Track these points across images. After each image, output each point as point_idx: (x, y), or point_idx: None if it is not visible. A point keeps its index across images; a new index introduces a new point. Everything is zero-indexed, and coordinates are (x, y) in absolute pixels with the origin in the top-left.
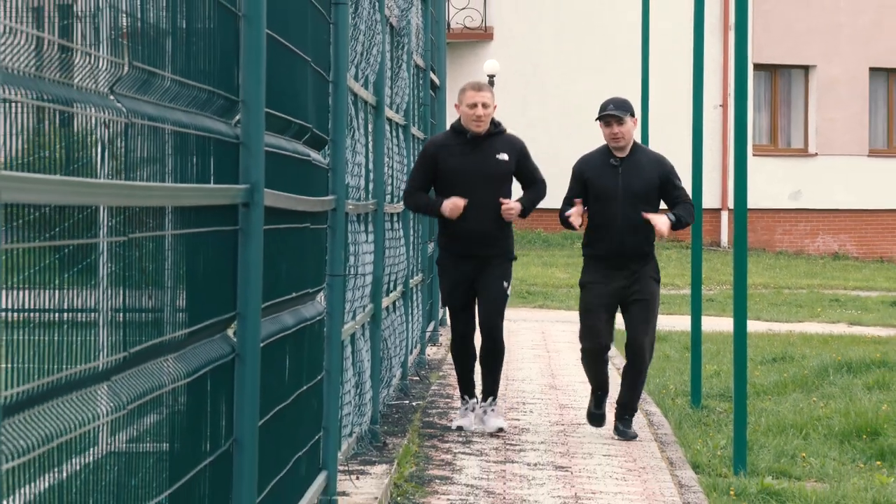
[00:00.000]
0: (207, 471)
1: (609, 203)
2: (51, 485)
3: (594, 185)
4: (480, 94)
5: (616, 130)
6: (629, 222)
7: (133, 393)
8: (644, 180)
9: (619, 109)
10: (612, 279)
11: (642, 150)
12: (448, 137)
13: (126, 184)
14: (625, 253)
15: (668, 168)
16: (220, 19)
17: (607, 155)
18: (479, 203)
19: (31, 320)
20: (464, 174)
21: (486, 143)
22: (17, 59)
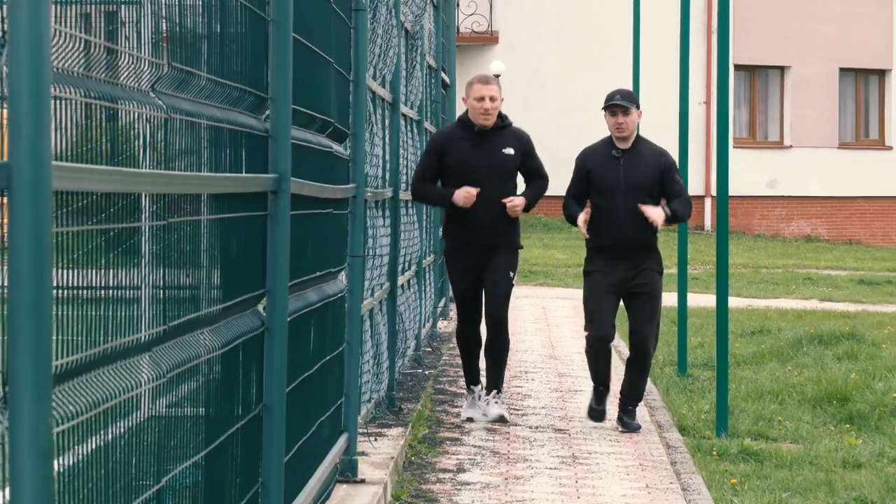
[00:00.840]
0: (239, 433)
1: (611, 195)
2: (98, 446)
3: (596, 178)
4: (488, 87)
5: (621, 121)
6: (631, 214)
7: (172, 363)
8: (645, 173)
9: (625, 100)
10: (615, 269)
11: (645, 143)
12: (456, 130)
13: (166, 173)
14: (627, 244)
15: (670, 162)
16: (251, 24)
17: (610, 147)
18: (486, 195)
19: (80, 297)
20: (470, 166)
21: (494, 137)
22: (67, 61)
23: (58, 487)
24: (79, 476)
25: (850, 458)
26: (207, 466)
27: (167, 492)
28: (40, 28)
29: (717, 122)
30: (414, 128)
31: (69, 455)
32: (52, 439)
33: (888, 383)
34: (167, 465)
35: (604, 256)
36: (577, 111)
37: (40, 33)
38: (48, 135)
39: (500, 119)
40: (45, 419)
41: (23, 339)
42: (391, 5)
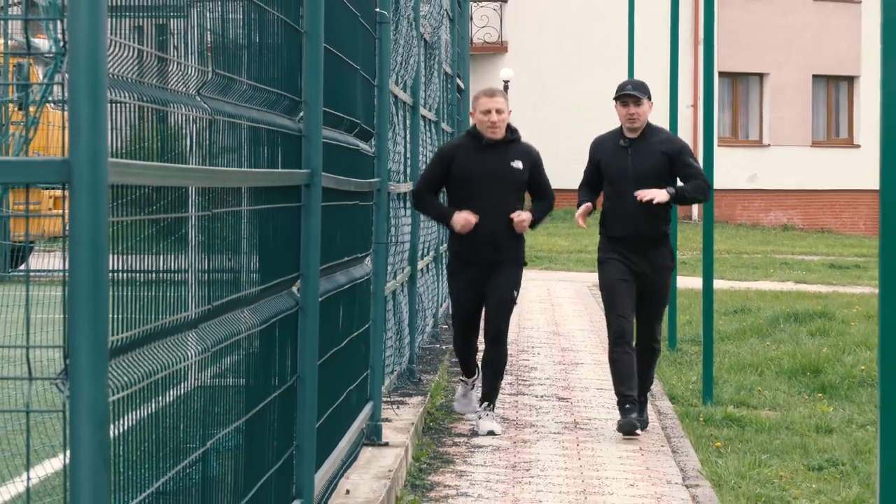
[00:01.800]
0: (276, 401)
1: (620, 185)
2: (149, 413)
3: (606, 168)
4: (493, 100)
5: (633, 111)
6: (641, 204)
7: (216, 338)
8: (653, 160)
9: (637, 90)
10: (629, 259)
11: (654, 131)
12: (465, 141)
13: (210, 169)
14: (639, 234)
15: (679, 145)
16: (287, 35)
17: (619, 136)
18: (491, 208)
19: (134, 279)
20: (477, 178)
21: (502, 150)
22: (122, 68)
23: (113, 451)
24: (132, 440)
25: (822, 423)
26: (248, 431)
27: (212, 454)
28: (97, 39)
29: (704, 124)
30: (432, 128)
31: (124, 421)
32: (107, 408)
33: (856, 357)
34: (211, 429)
35: (617, 244)
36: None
37: (97, 43)
38: (105, 134)
39: (510, 132)
40: (102, 390)
41: (82, 317)
42: (412, 19)
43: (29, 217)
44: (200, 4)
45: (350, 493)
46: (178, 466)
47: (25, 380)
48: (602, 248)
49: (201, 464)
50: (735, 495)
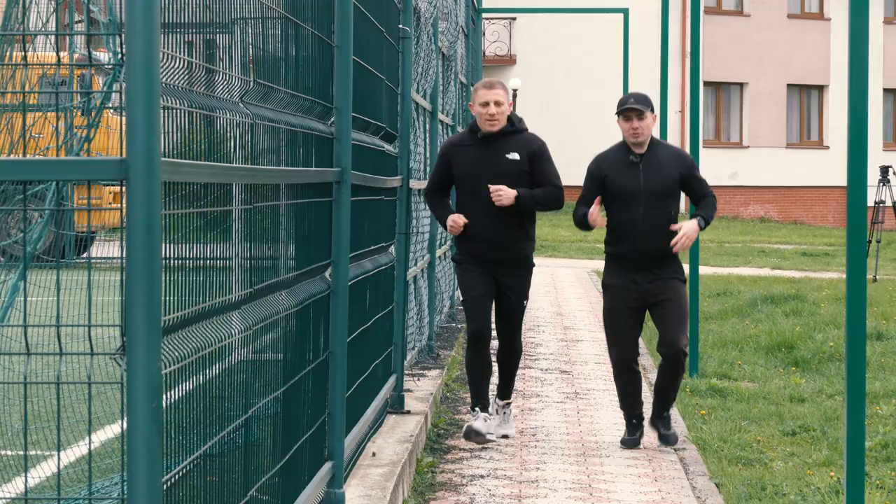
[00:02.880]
0: (310, 374)
1: (630, 202)
2: (197, 384)
3: (614, 185)
4: (492, 91)
5: (636, 125)
6: (650, 221)
7: (257, 317)
8: (665, 177)
9: (639, 103)
10: (634, 281)
11: (661, 146)
12: (463, 137)
13: (252, 168)
14: (647, 253)
15: (689, 162)
16: (320, 49)
17: (626, 152)
18: (491, 204)
19: (184, 266)
20: (473, 174)
21: (498, 143)
22: (174, 78)
23: (165, 418)
24: (182, 409)
25: (795, 393)
26: (285, 400)
27: (253, 421)
28: (152, 52)
29: (690, 127)
30: (449, 131)
31: (175, 391)
32: (160, 379)
33: (826, 334)
34: (253, 399)
35: (622, 266)
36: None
37: (152, 56)
38: (158, 137)
39: (511, 124)
40: (155, 364)
41: (137, 300)
42: (431, 34)
43: (91, 210)
44: (244, 22)
45: (376, 455)
46: (222, 432)
47: (87, 355)
48: (606, 270)
49: (244, 430)
50: (718, 457)
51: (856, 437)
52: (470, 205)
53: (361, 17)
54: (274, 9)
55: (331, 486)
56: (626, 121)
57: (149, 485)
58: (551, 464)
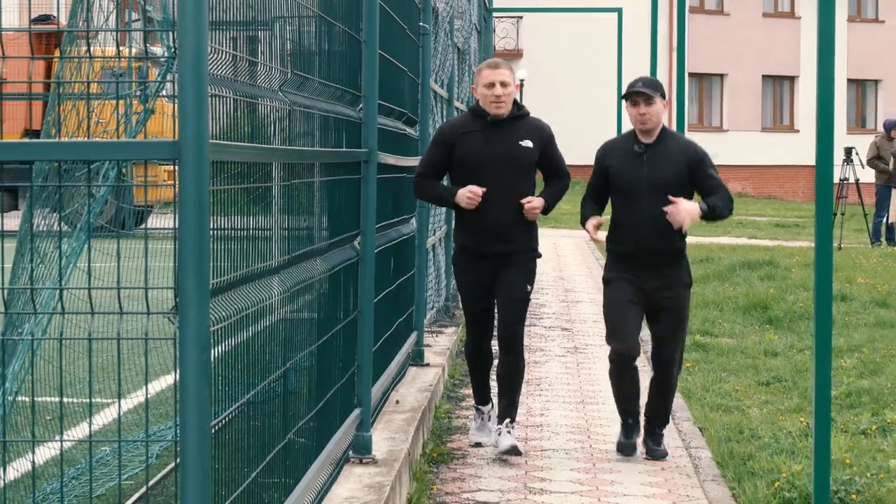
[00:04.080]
0: (341, 331)
1: (633, 195)
2: (241, 340)
3: (617, 176)
4: (497, 71)
5: (644, 111)
6: (656, 216)
7: (294, 281)
8: (672, 169)
9: (648, 87)
10: (639, 277)
11: (672, 136)
12: (466, 121)
13: (290, 149)
14: (652, 251)
15: (700, 155)
16: (349, 43)
17: (632, 141)
18: (500, 193)
19: (230, 235)
20: (483, 160)
21: (509, 127)
22: (221, 69)
23: (213, 370)
24: (228, 362)
25: (769, 348)
26: (319, 354)
27: (291, 372)
28: (201, 46)
29: (676, 113)
30: None
31: (222, 346)
32: (209, 336)
33: (796, 296)
34: (291, 353)
35: (627, 262)
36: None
37: (201, 50)
38: (206, 121)
39: (517, 108)
40: (204, 322)
41: (188, 265)
42: (448, 31)
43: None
44: (282, 19)
45: (399, 402)
46: (264, 382)
47: (144, 314)
48: (608, 266)
49: (283, 380)
50: (701, 405)
51: (823, 387)
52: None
53: (386, 15)
54: (309, 8)
55: (359, 430)
56: (633, 106)
57: (199, 429)
58: (554, 410)
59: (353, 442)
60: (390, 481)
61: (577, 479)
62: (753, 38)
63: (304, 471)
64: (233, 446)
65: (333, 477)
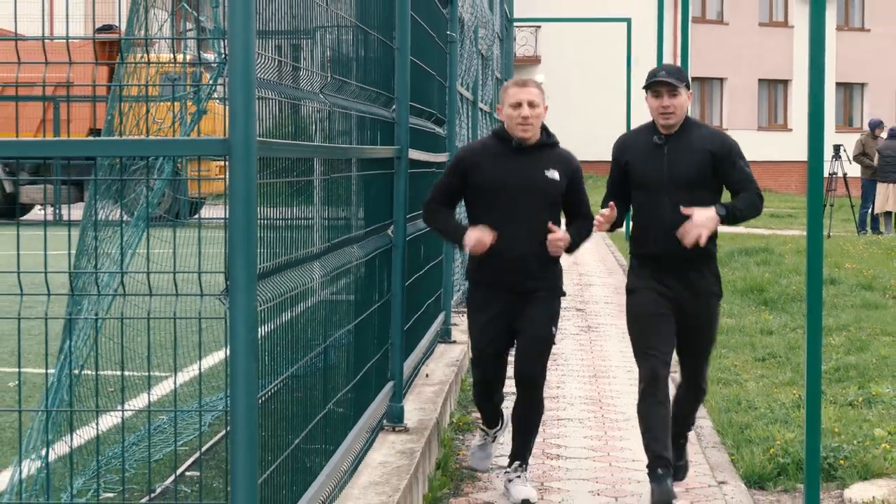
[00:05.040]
0: (376, 311)
1: (654, 192)
2: (286, 319)
3: (635, 171)
4: (525, 90)
5: (667, 103)
6: (678, 215)
7: (333, 266)
8: (694, 162)
9: (672, 76)
10: (666, 285)
11: (695, 126)
12: (488, 145)
13: (330, 146)
14: (676, 253)
15: (727, 145)
16: (384, 50)
17: (652, 132)
18: (521, 226)
19: (275, 224)
20: (505, 189)
21: (536, 155)
22: (267, 73)
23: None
24: (274, 339)
25: (765, 327)
26: (356, 332)
27: (331, 348)
28: (249, 53)
29: None
30: (487, 118)
31: (268, 325)
32: (256, 316)
33: (789, 280)
34: (331, 331)
35: (652, 267)
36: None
37: (249, 56)
38: (254, 121)
39: (546, 135)
40: (252, 303)
41: (237, 251)
42: (473, 39)
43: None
44: (323, 29)
45: (429, 376)
46: (306, 357)
47: (198, 296)
48: (631, 273)
49: (323, 355)
50: None
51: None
52: (496, 225)
53: (417, 24)
54: (347, 18)
55: (392, 401)
56: (654, 97)
57: (247, 400)
58: (569, 383)
59: (386, 412)
60: (420, 447)
61: (590, 445)
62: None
63: (342, 438)
64: (278, 415)
65: (369, 443)
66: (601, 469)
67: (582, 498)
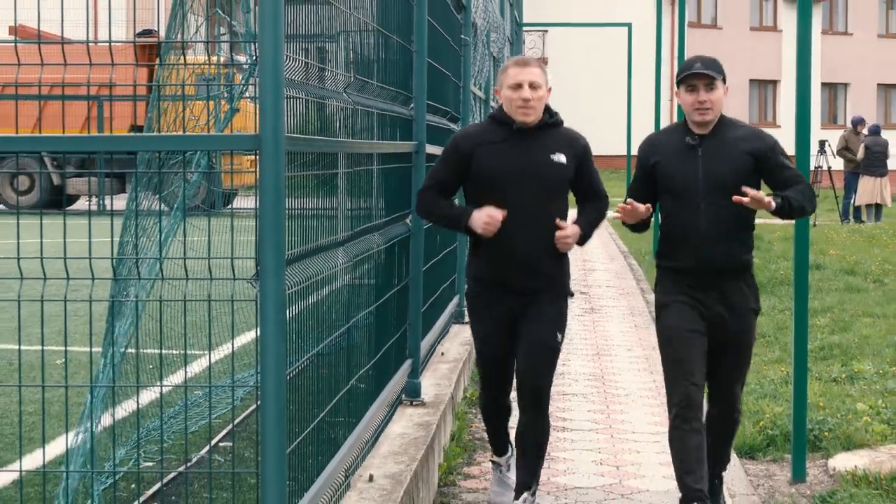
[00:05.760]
0: (395, 294)
1: (687, 197)
2: (312, 302)
3: (666, 174)
4: (526, 70)
5: (704, 98)
6: (717, 224)
7: (356, 252)
8: (733, 164)
9: (709, 68)
10: (700, 301)
11: (731, 125)
12: (486, 129)
13: (353, 141)
14: (714, 264)
15: (769, 143)
16: (402, 53)
17: (684, 132)
18: (526, 216)
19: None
20: (505, 177)
21: (539, 137)
22: (294, 74)
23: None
24: (301, 320)
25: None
26: (377, 314)
27: (353, 328)
28: (278, 55)
29: (678, 113)
30: None
31: (295, 307)
32: (284, 298)
33: (778, 265)
34: (353, 312)
35: (683, 281)
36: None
37: (278, 58)
38: (282, 118)
39: (549, 115)
40: (281, 286)
41: (267, 239)
42: (485, 42)
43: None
44: (346, 33)
45: (444, 354)
46: (331, 337)
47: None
48: (661, 288)
49: (346, 335)
50: None
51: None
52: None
53: (433, 29)
54: (368, 23)
55: (410, 377)
56: (689, 92)
57: (276, 376)
58: (574, 361)
59: (405, 387)
60: (436, 420)
61: (593, 418)
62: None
63: (364, 411)
64: (305, 391)
65: (389, 416)
66: (604, 440)
67: (585, 467)
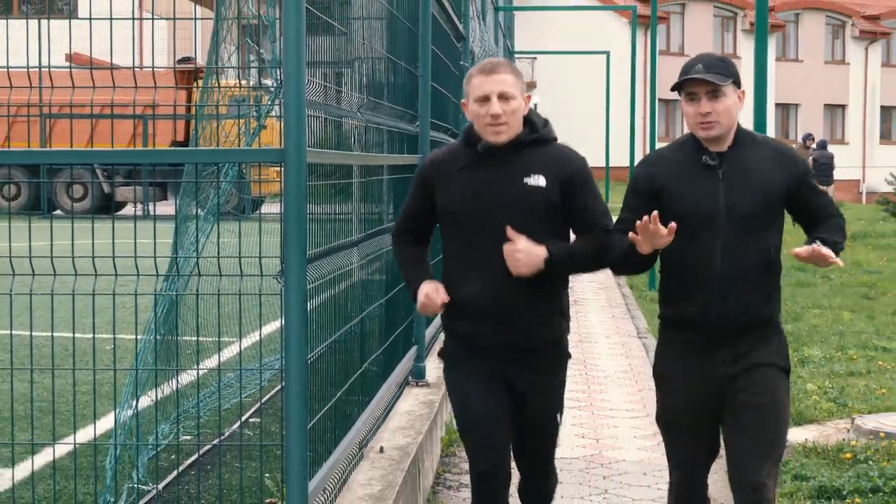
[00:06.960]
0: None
1: (702, 230)
2: (330, 295)
3: (674, 201)
4: (494, 77)
5: (706, 109)
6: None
7: (369, 251)
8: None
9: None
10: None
11: (753, 142)
12: (454, 152)
13: (366, 154)
14: (728, 317)
15: (802, 165)
16: (409, 77)
17: (696, 151)
18: (496, 261)
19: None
20: (471, 210)
21: (511, 158)
22: (315, 96)
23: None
24: (321, 311)
25: None
26: (388, 306)
27: (366, 318)
28: (300, 79)
29: (650, 129)
30: None
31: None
32: (306, 292)
33: None
34: (366, 304)
35: (688, 338)
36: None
37: (300, 81)
38: (304, 134)
39: (529, 129)
40: (303, 281)
41: (291, 240)
42: None
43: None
44: (360, 60)
45: None
46: (346, 326)
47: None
48: (660, 352)
49: (360, 324)
50: None
51: None
52: (465, 258)
53: (436, 56)
54: (379, 51)
55: (416, 361)
56: (689, 102)
57: (298, 360)
58: None
59: (411, 370)
60: (439, 399)
61: (576, 398)
62: None
63: (376, 391)
64: (324, 373)
65: (397, 396)
66: (585, 417)
67: (570, 440)
